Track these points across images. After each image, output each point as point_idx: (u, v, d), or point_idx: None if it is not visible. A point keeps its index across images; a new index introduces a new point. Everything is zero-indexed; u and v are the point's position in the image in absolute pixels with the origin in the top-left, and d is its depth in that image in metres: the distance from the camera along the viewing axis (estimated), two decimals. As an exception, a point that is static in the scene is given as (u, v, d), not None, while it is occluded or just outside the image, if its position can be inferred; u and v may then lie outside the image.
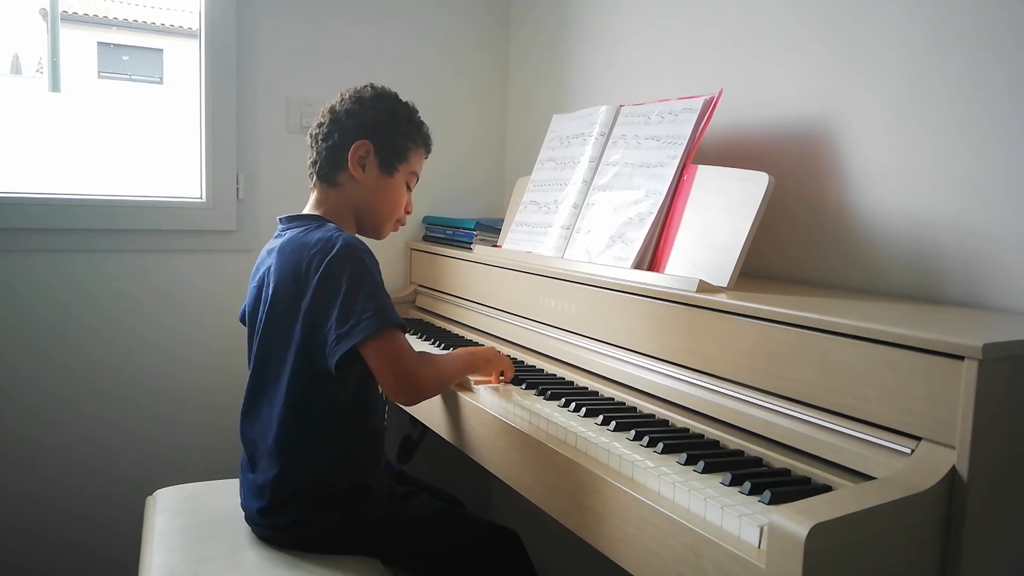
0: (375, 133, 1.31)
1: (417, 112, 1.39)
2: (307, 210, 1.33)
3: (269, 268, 1.25)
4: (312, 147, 1.34)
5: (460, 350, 1.35)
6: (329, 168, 1.31)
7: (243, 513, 1.26)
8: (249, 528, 1.24)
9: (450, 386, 1.34)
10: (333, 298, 1.14)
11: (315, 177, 1.34)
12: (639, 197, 1.38)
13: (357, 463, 1.25)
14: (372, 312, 1.13)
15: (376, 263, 1.20)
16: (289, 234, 1.25)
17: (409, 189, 1.39)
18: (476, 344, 1.68)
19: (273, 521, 1.20)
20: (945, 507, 0.78)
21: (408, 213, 1.41)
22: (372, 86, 1.35)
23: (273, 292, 1.22)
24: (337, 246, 1.16)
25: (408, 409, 1.56)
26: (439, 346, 1.67)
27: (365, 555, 1.21)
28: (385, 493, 1.28)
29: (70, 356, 1.81)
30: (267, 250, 1.30)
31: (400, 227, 1.43)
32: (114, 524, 1.84)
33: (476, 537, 1.29)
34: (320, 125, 1.33)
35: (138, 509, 1.40)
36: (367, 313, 1.13)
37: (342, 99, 1.34)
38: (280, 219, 1.33)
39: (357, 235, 1.31)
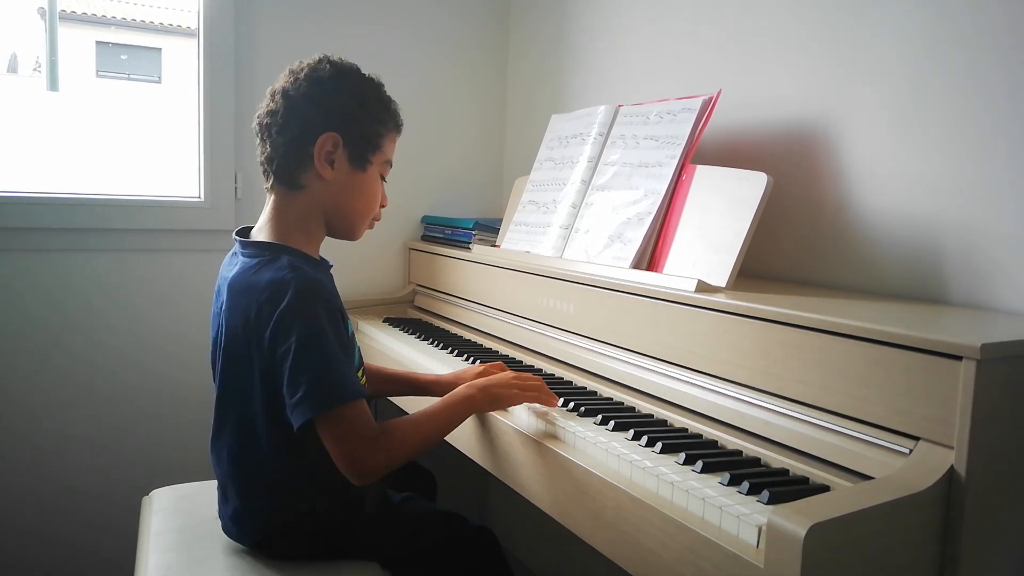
0: (343, 122, 1.13)
1: (383, 86, 1.20)
2: (263, 222, 1.18)
3: (222, 305, 1.14)
4: (264, 139, 1.15)
5: (446, 400, 1.16)
6: (291, 168, 1.13)
7: None
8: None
9: (427, 448, 1.14)
10: (284, 360, 1.03)
11: (272, 178, 1.16)
12: (638, 197, 1.38)
13: (348, 488, 1.15)
14: (321, 386, 1.02)
15: (333, 307, 1.08)
16: (240, 267, 1.12)
17: (383, 180, 1.23)
18: (478, 346, 1.68)
19: (266, 551, 1.17)
20: (943, 507, 0.78)
21: (383, 207, 1.25)
22: (329, 61, 1.15)
23: (226, 339, 1.11)
24: (287, 296, 1.03)
25: (403, 405, 1.56)
26: (437, 346, 1.67)
27: (363, 559, 1.20)
28: (378, 506, 1.24)
29: (67, 356, 1.81)
30: (223, 276, 1.17)
31: (375, 224, 1.26)
32: (110, 524, 1.84)
33: (467, 536, 1.29)
34: (272, 113, 1.13)
35: (134, 509, 1.39)
36: (315, 386, 1.01)
37: (295, 80, 1.13)
38: (237, 237, 1.19)
39: (330, 237, 1.21)
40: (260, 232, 1.18)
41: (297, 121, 1.12)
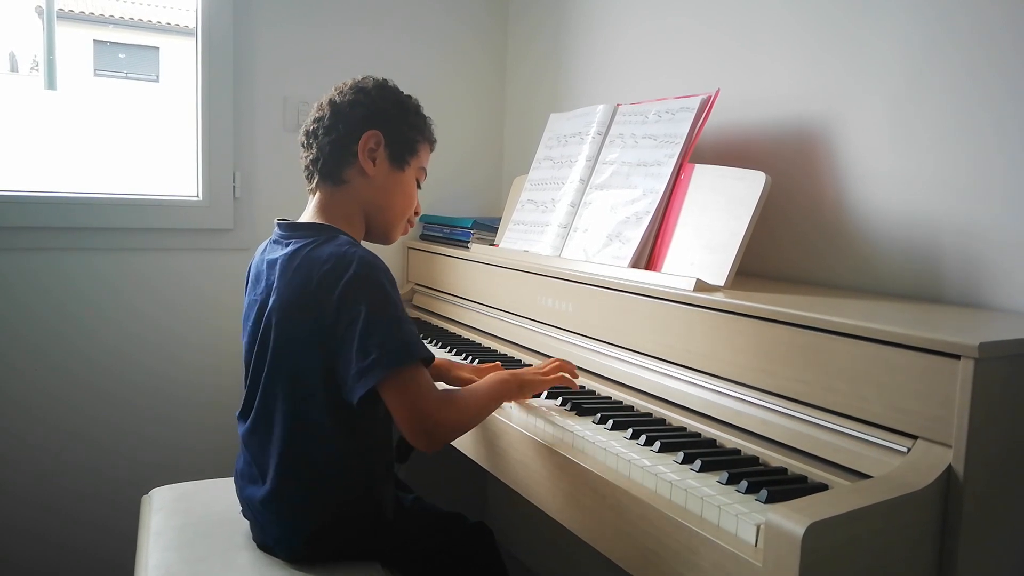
0: (384, 123, 1.20)
1: (421, 105, 1.29)
2: (309, 215, 1.21)
3: (271, 285, 1.13)
4: (310, 144, 1.22)
5: (488, 381, 1.18)
6: (334, 164, 1.19)
7: (243, 520, 1.22)
8: (246, 526, 1.23)
9: (477, 424, 1.17)
10: (351, 328, 1.03)
11: (316, 177, 1.21)
12: (636, 196, 1.38)
13: (379, 482, 1.18)
14: (395, 346, 1.03)
15: (394, 282, 1.10)
16: (293, 246, 1.13)
17: (419, 186, 1.29)
18: (477, 345, 1.68)
19: (283, 555, 1.16)
20: (941, 505, 0.78)
21: (417, 214, 1.31)
22: (373, 78, 1.25)
23: (279, 314, 1.11)
24: (353, 266, 1.05)
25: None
26: (436, 345, 1.67)
27: (365, 559, 1.19)
28: (392, 504, 1.24)
29: (66, 355, 1.81)
30: (267, 261, 1.17)
31: (409, 229, 1.31)
32: (109, 523, 1.84)
33: (464, 533, 1.29)
34: (319, 120, 1.21)
35: (133, 508, 1.40)
36: (389, 346, 1.02)
37: (341, 91, 1.23)
38: (280, 224, 1.20)
39: (365, 241, 1.23)
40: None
41: (342, 121, 1.20)
